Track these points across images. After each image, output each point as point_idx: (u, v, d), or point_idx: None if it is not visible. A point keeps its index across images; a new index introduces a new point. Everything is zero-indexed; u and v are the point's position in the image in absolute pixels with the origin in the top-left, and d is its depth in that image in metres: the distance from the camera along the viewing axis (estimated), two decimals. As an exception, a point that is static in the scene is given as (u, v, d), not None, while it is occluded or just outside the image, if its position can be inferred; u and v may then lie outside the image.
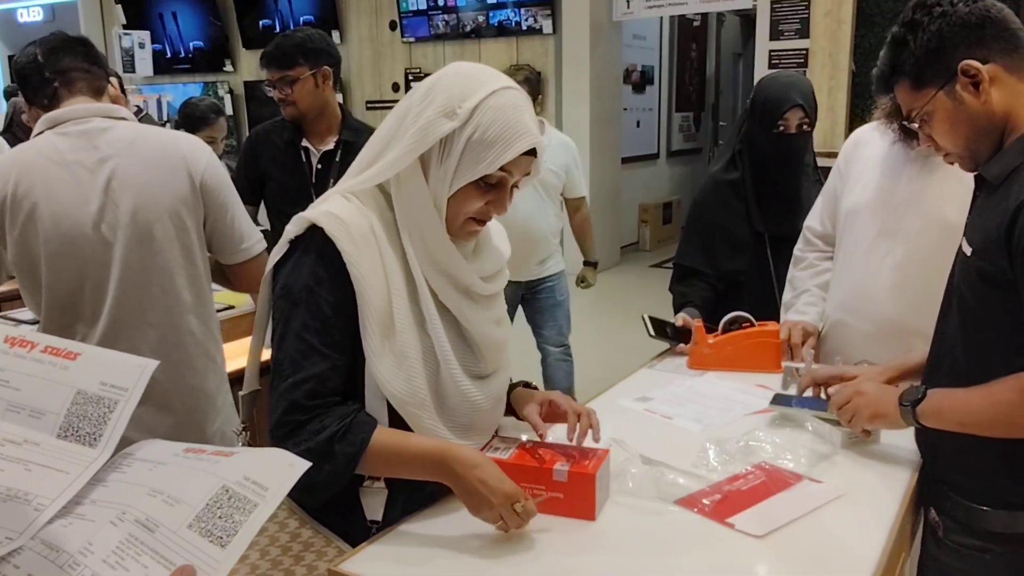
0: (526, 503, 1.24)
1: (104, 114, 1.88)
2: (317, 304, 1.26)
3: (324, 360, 1.26)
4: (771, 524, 1.33)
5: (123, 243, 1.83)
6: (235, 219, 1.99)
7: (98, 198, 1.81)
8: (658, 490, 1.42)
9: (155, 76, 8.27)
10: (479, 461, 1.26)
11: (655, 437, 1.70)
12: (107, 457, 0.84)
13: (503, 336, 1.44)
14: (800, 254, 2.28)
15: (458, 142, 1.26)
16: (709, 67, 10.66)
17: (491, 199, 1.31)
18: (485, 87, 1.27)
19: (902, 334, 1.94)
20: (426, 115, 1.26)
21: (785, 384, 1.95)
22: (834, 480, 1.49)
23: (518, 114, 1.27)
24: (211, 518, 0.78)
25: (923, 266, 1.92)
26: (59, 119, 1.84)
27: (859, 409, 1.57)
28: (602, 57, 7.59)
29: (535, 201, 3.67)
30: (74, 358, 0.89)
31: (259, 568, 1.33)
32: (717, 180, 2.48)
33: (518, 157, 1.27)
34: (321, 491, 1.27)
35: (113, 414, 0.85)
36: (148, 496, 0.81)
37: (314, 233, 1.28)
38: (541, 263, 3.81)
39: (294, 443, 1.24)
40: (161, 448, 0.88)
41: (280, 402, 1.26)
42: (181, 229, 1.89)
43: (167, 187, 1.87)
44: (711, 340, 2.12)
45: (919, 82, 1.44)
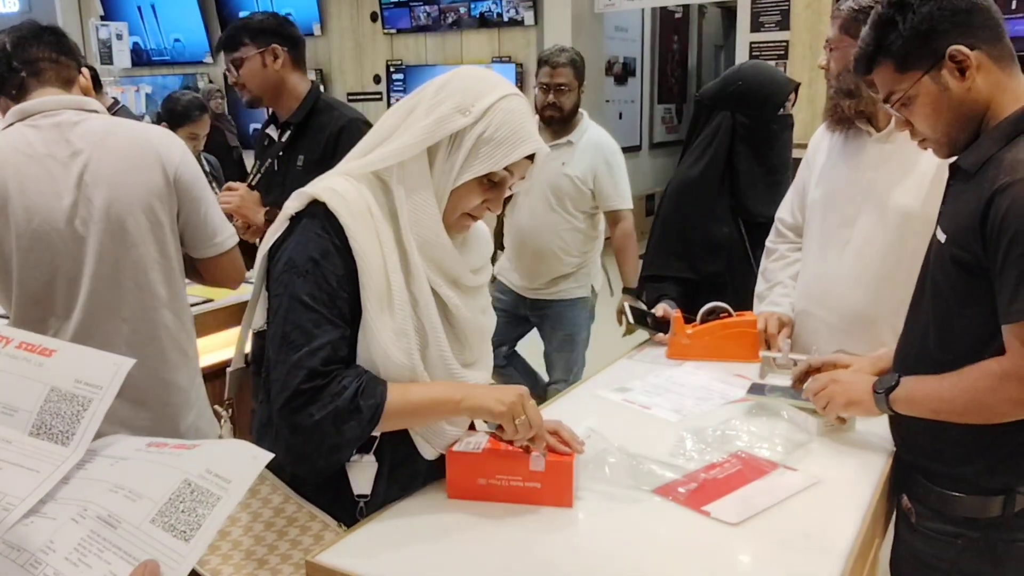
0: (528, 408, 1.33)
1: (75, 106, 1.86)
2: (323, 276, 1.29)
3: (334, 329, 1.29)
4: (746, 512, 1.35)
5: (96, 238, 1.81)
6: (208, 213, 1.98)
7: (71, 192, 1.80)
8: (635, 479, 1.44)
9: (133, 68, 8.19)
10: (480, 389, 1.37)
11: (633, 427, 1.71)
12: (79, 456, 0.83)
13: (488, 324, 1.50)
14: (772, 246, 2.30)
15: (468, 138, 1.32)
16: (691, 59, 10.68)
17: (489, 197, 1.38)
18: (497, 91, 1.35)
19: (864, 324, 1.97)
20: (440, 110, 1.33)
21: (763, 373, 1.97)
22: (809, 468, 1.50)
23: (525, 119, 1.36)
24: (174, 512, 0.78)
25: (880, 255, 1.95)
26: (29, 111, 1.82)
27: (834, 396, 1.59)
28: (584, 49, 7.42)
29: (543, 213, 3.25)
30: (49, 355, 0.89)
31: (241, 544, 1.34)
32: (689, 179, 2.46)
33: (521, 160, 1.35)
34: (348, 448, 1.31)
35: (87, 412, 0.85)
36: (110, 492, 0.80)
37: (316, 207, 1.32)
38: (552, 283, 3.33)
39: (319, 407, 1.26)
40: (124, 443, 0.88)
41: (295, 372, 1.27)
42: (155, 223, 1.88)
43: (140, 181, 1.86)
44: (690, 331, 2.13)
45: (904, 64, 1.44)
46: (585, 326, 3.39)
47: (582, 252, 3.31)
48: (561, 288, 3.33)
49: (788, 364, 1.98)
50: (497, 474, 1.36)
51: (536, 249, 3.28)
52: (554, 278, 3.31)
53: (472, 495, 1.37)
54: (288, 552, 1.34)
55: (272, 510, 1.37)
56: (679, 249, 2.46)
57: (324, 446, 1.28)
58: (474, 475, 1.37)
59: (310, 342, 1.28)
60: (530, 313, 3.41)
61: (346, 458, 1.34)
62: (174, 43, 9.35)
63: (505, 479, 1.35)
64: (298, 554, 1.33)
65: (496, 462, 1.35)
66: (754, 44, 6.46)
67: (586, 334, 3.42)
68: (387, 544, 1.28)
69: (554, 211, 3.24)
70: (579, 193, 3.22)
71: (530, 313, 3.41)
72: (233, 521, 1.35)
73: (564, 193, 3.22)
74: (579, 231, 3.28)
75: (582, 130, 3.27)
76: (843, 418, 1.64)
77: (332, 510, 1.38)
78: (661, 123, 10.21)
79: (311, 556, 1.24)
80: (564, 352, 3.39)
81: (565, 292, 3.33)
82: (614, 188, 3.27)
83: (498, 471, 1.36)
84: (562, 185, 3.22)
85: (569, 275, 3.32)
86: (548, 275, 3.30)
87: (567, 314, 3.37)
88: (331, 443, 1.28)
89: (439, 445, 1.41)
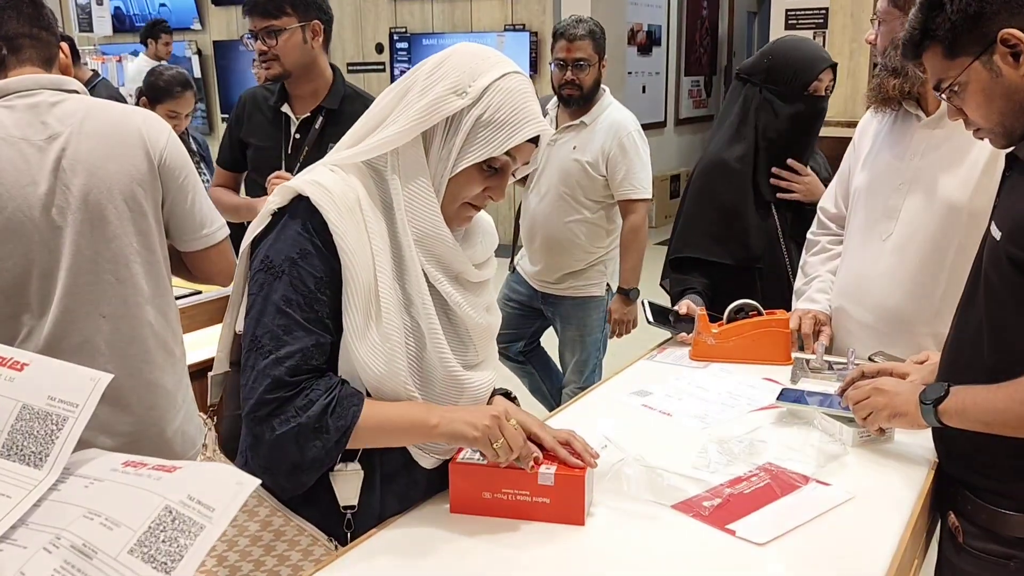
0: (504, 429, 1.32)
1: (54, 86, 1.85)
2: (300, 277, 1.29)
3: (308, 335, 1.29)
4: (775, 531, 1.34)
5: (74, 228, 1.81)
6: (196, 202, 1.98)
7: (47, 179, 1.79)
8: (654, 493, 1.44)
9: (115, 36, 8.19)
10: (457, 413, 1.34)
11: (653, 435, 1.71)
12: (54, 479, 0.83)
13: (493, 323, 1.48)
14: (813, 238, 2.30)
15: (466, 121, 1.32)
16: (721, 27, 10.61)
17: (490, 184, 1.37)
18: (496, 69, 1.34)
19: (902, 325, 1.97)
20: (435, 91, 1.32)
21: (795, 378, 1.96)
22: (844, 482, 1.50)
23: (527, 99, 1.34)
24: (154, 542, 0.77)
25: (923, 250, 1.94)
26: (4, 90, 1.82)
27: (877, 407, 1.58)
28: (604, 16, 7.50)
29: (553, 201, 3.19)
30: (21, 368, 0.89)
31: (227, 559, 1.35)
32: (722, 158, 2.45)
33: (523, 143, 1.34)
34: (311, 470, 1.30)
35: (62, 432, 0.84)
36: (85, 519, 0.80)
37: (299, 203, 1.31)
38: (563, 279, 3.27)
39: (281, 421, 1.26)
40: (98, 462, 0.88)
41: (260, 380, 1.27)
42: (137, 213, 1.88)
43: (122, 167, 1.85)
44: (715, 330, 2.12)
45: (953, 50, 1.43)
46: (598, 327, 3.32)
47: (596, 247, 3.23)
48: (572, 285, 3.26)
49: (823, 367, 1.98)
50: (503, 488, 1.36)
51: (546, 239, 3.23)
52: (564, 274, 3.24)
53: (476, 510, 1.37)
54: (275, 568, 1.34)
55: (259, 523, 1.38)
56: (717, 232, 2.43)
57: (284, 463, 1.28)
58: (479, 488, 1.37)
59: (278, 349, 1.27)
60: (544, 307, 3.38)
61: (311, 480, 1.32)
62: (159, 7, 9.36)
63: (512, 493, 1.35)
64: (286, 570, 1.34)
65: (502, 474, 1.35)
66: (790, 11, 6.42)
67: (599, 336, 3.34)
68: (384, 563, 1.28)
69: (564, 200, 3.18)
70: (590, 181, 3.14)
71: (544, 307, 3.38)
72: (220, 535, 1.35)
73: (574, 180, 3.15)
74: (592, 224, 3.20)
75: (600, 109, 3.19)
76: (883, 429, 1.63)
77: (323, 522, 1.38)
78: (688, 97, 10.16)
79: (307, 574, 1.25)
80: (574, 353, 3.36)
81: (576, 289, 3.26)
82: (628, 173, 3.14)
83: (504, 484, 1.36)
84: (572, 171, 3.15)
85: (581, 271, 3.24)
86: (559, 269, 3.24)
87: (578, 313, 3.31)
88: (292, 461, 1.28)
89: (436, 453, 1.41)
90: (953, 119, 1.54)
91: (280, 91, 2.76)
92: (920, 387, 1.54)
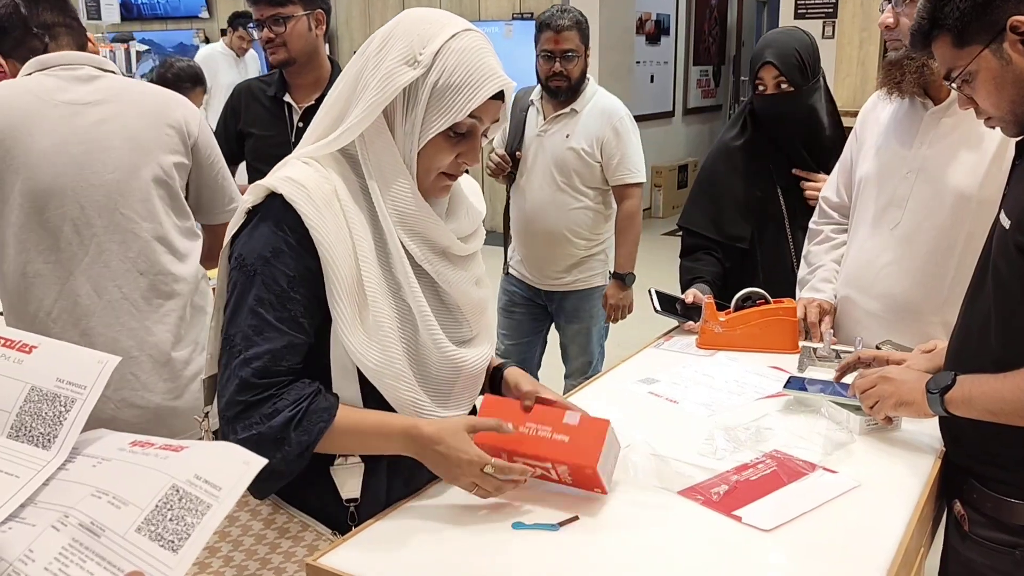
0: (495, 462, 1.30)
1: (94, 64, 1.99)
2: (273, 276, 1.27)
3: (279, 336, 1.27)
4: (781, 517, 1.35)
5: (107, 188, 1.93)
6: (224, 177, 2.16)
7: (84, 140, 1.91)
8: (661, 480, 1.44)
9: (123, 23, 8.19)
10: (441, 436, 1.30)
11: (660, 422, 1.72)
12: (61, 460, 0.84)
13: (484, 296, 1.47)
14: (815, 227, 2.29)
15: (423, 90, 1.28)
16: (730, 16, 10.56)
17: (462, 150, 1.34)
18: (446, 30, 1.30)
19: (910, 314, 1.96)
20: (385, 65, 1.28)
21: (802, 366, 1.97)
22: (850, 470, 1.50)
23: (483, 56, 1.30)
24: (161, 520, 0.78)
25: (932, 239, 1.93)
26: (49, 63, 1.95)
27: (884, 395, 1.59)
28: (613, 4, 7.51)
29: (550, 192, 3.13)
30: (29, 351, 0.89)
31: (233, 560, 1.35)
32: (725, 144, 2.52)
33: (487, 102, 1.30)
34: (271, 480, 1.28)
35: (70, 414, 0.85)
36: (93, 497, 0.80)
37: (272, 201, 1.29)
38: (565, 272, 3.21)
39: (244, 426, 1.25)
40: (106, 441, 0.88)
41: (231, 380, 1.27)
42: (169, 183, 2.01)
43: (158, 137, 2.00)
44: (723, 318, 2.13)
45: (962, 39, 1.42)
46: (602, 316, 3.29)
47: (596, 234, 3.19)
48: (576, 278, 3.20)
49: (830, 356, 1.98)
50: (528, 421, 1.39)
51: (545, 232, 3.16)
52: (567, 266, 3.19)
53: (497, 442, 1.36)
54: (282, 565, 1.34)
55: (262, 521, 1.38)
56: (706, 206, 2.52)
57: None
58: (505, 418, 1.39)
59: (247, 349, 1.26)
60: (547, 303, 3.32)
61: (272, 488, 1.32)
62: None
63: (534, 427, 1.38)
64: (292, 567, 1.34)
65: (531, 414, 1.41)
66: (799, 1, 6.37)
67: (602, 324, 3.32)
68: (392, 546, 1.29)
69: (561, 190, 3.12)
70: (586, 167, 3.10)
71: (547, 303, 3.32)
72: (222, 536, 1.36)
73: (570, 168, 3.10)
74: (591, 210, 3.16)
75: (587, 97, 3.14)
76: (890, 417, 1.63)
77: (327, 516, 1.38)
78: (696, 87, 10.12)
79: (312, 559, 1.25)
80: (578, 344, 3.33)
81: (581, 282, 3.22)
82: (623, 158, 3.11)
83: (530, 419, 1.40)
84: (567, 160, 3.10)
85: (583, 261, 3.20)
86: (561, 262, 3.18)
87: (584, 306, 3.26)
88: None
89: None
90: (964, 108, 1.53)
91: (279, 81, 2.79)
92: (927, 376, 1.54)
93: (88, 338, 1.91)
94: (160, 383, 1.99)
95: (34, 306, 1.91)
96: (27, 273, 1.90)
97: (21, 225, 1.89)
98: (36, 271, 1.91)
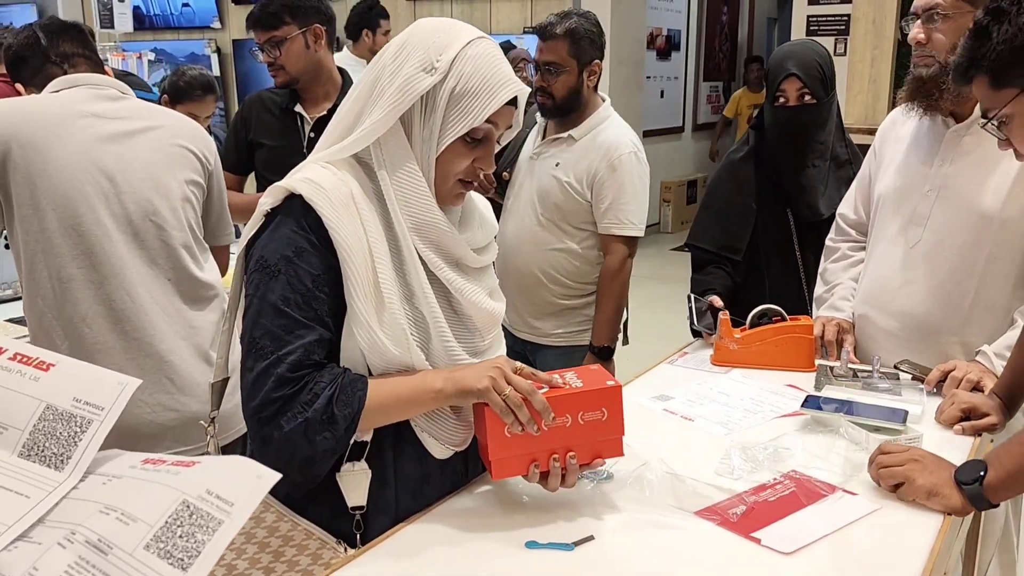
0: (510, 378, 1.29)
1: (118, 87, 2.08)
2: (297, 276, 1.27)
3: (309, 332, 1.27)
4: (801, 540, 1.31)
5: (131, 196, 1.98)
6: (224, 204, 2.26)
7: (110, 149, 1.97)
8: (677, 499, 1.42)
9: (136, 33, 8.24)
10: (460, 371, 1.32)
11: (675, 440, 1.69)
12: (74, 482, 0.81)
13: (498, 308, 1.46)
14: (832, 244, 2.27)
15: (441, 96, 1.30)
16: (741, 32, 10.57)
17: (478, 156, 1.36)
18: (461, 38, 1.33)
19: (928, 334, 1.93)
20: (403, 72, 1.30)
21: (819, 385, 1.93)
22: (870, 492, 1.47)
23: (497, 62, 1.34)
24: (171, 538, 0.75)
25: (953, 259, 1.90)
26: (76, 82, 2.02)
27: (914, 477, 1.42)
28: (624, 19, 7.51)
29: (529, 225, 2.62)
30: (46, 369, 0.87)
31: (237, 568, 1.33)
32: (730, 158, 2.52)
33: (502, 107, 1.33)
34: (323, 461, 1.29)
35: (85, 435, 0.82)
36: (101, 514, 0.78)
37: (292, 202, 1.30)
38: (543, 321, 2.65)
39: (288, 418, 1.25)
40: (118, 460, 0.85)
41: (262, 380, 1.25)
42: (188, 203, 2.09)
43: (178, 160, 2.08)
44: (738, 335, 2.10)
45: (999, 81, 1.41)
46: None
47: (580, 283, 2.62)
48: (555, 331, 2.64)
49: (847, 375, 1.95)
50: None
51: (516, 271, 2.62)
52: (544, 314, 2.65)
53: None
54: (286, 574, 1.32)
55: (266, 529, 1.36)
56: (712, 222, 2.52)
57: (296, 459, 1.26)
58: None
59: (280, 349, 1.26)
60: (526, 354, 2.73)
61: (324, 471, 1.31)
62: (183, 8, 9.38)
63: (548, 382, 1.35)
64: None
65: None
66: (811, 17, 6.36)
67: None
68: (401, 564, 1.26)
69: (541, 224, 2.60)
70: (572, 203, 2.56)
71: (526, 354, 2.73)
72: None
73: (552, 202, 2.57)
74: (577, 256, 2.60)
75: (594, 123, 2.59)
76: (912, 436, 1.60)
77: (332, 524, 1.37)
78: (706, 103, 10.13)
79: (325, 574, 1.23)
80: None
81: (561, 337, 2.64)
82: (614, 203, 2.53)
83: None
84: (550, 190, 2.57)
85: (565, 313, 2.63)
86: (536, 308, 2.65)
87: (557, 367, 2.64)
88: (303, 456, 1.26)
89: (451, 444, 1.39)
90: (1003, 149, 1.51)
91: (290, 92, 2.79)
92: (948, 464, 1.45)
93: (124, 342, 1.95)
94: (197, 388, 2.01)
95: (69, 310, 1.94)
96: (62, 278, 1.93)
97: (54, 230, 1.92)
98: (70, 275, 1.94)
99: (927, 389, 1.85)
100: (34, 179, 1.90)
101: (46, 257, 1.93)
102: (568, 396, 1.33)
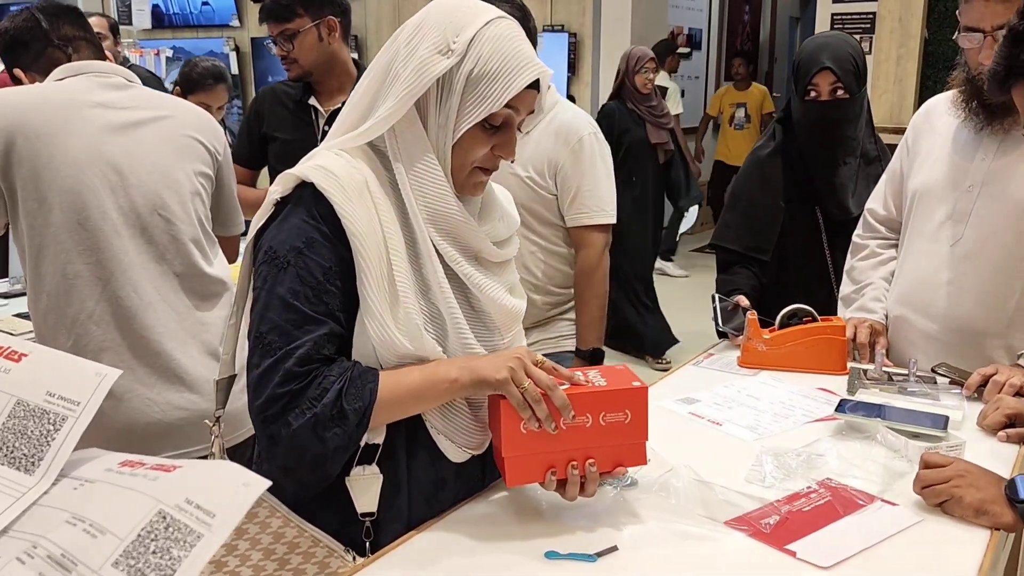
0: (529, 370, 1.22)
1: (124, 75, 2.01)
2: (308, 268, 1.21)
3: (319, 327, 1.21)
4: (840, 553, 1.24)
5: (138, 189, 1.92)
6: (234, 196, 2.22)
7: (117, 140, 1.91)
8: (706, 508, 1.34)
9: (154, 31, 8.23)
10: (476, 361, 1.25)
11: (702, 446, 1.62)
12: (46, 487, 0.73)
13: (518, 305, 1.39)
14: (860, 241, 2.18)
15: (458, 80, 1.23)
16: (763, 32, 10.48)
17: (497, 142, 1.28)
18: (479, 18, 1.25)
19: (971, 337, 1.85)
20: (418, 54, 1.23)
21: (852, 388, 1.85)
22: (911, 502, 1.39)
23: (518, 43, 1.25)
24: (142, 553, 0.67)
25: (997, 257, 1.82)
26: (81, 69, 1.95)
27: (962, 496, 1.34)
28: (645, 18, 7.45)
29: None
30: (18, 359, 0.79)
31: (240, 575, 1.27)
32: (756, 155, 2.44)
33: (523, 91, 1.25)
34: (335, 459, 1.22)
35: (59, 433, 0.75)
36: (67, 524, 0.70)
37: (303, 190, 1.24)
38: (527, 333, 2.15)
39: (296, 414, 1.18)
40: (95, 462, 0.77)
41: (269, 375, 1.19)
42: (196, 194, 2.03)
43: (188, 149, 2.02)
44: (767, 335, 2.01)
45: None
46: None
47: (562, 285, 2.37)
48: (537, 338, 2.37)
49: (882, 378, 1.87)
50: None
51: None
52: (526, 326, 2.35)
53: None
54: None
55: (271, 535, 1.30)
56: (738, 221, 2.45)
57: (306, 458, 1.20)
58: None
59: (288, 344, 1.19)
60: None
61: (336, 470, 1.25)
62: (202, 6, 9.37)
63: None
64: None
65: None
66: (836, 16, 6.27)
67: None
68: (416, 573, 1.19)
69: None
70: (538, 200, 2.28)
71: None
72: (229, 549, 1.27)
73: (516, 201, 2.22)
74: (553, 255, 2.34)
75: (549, 106, 2.31)
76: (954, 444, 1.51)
77: (342, 530, 1.30)
78: (728, 103, 10.01)
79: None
80: None
81: (545, 344, 2.38)
82: (580, 191, 2.27)
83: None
84: (512, 189, 2.21)
85: (547, 321, 2.40)
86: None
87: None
88: (314, 454, 1.20)
89: (467, 447, 1.32)
90: None
91: (304, 85, 2.74)
92: (996, 478, 1.37)
93: (131, 340, 1.89)
94: (207, 386, 1.94)
95: (75, 308, 1.88)
96: (67, 274, 1.87)
97: (60, 225, 1.86)
98: (76, 272, 1.87)
99: (966, 394, 1.77)
100: (40, 172, 1.84)
101: (51, 253, 1.87)
102: (590, 394, 1.25)
